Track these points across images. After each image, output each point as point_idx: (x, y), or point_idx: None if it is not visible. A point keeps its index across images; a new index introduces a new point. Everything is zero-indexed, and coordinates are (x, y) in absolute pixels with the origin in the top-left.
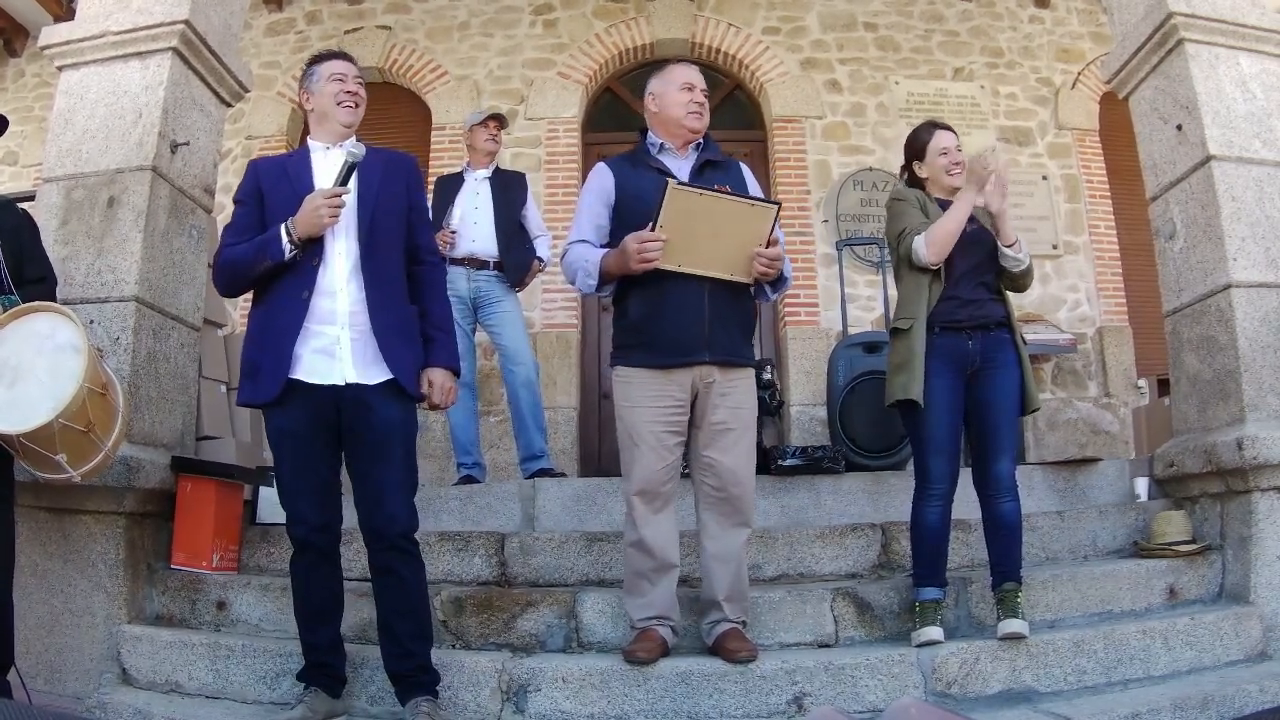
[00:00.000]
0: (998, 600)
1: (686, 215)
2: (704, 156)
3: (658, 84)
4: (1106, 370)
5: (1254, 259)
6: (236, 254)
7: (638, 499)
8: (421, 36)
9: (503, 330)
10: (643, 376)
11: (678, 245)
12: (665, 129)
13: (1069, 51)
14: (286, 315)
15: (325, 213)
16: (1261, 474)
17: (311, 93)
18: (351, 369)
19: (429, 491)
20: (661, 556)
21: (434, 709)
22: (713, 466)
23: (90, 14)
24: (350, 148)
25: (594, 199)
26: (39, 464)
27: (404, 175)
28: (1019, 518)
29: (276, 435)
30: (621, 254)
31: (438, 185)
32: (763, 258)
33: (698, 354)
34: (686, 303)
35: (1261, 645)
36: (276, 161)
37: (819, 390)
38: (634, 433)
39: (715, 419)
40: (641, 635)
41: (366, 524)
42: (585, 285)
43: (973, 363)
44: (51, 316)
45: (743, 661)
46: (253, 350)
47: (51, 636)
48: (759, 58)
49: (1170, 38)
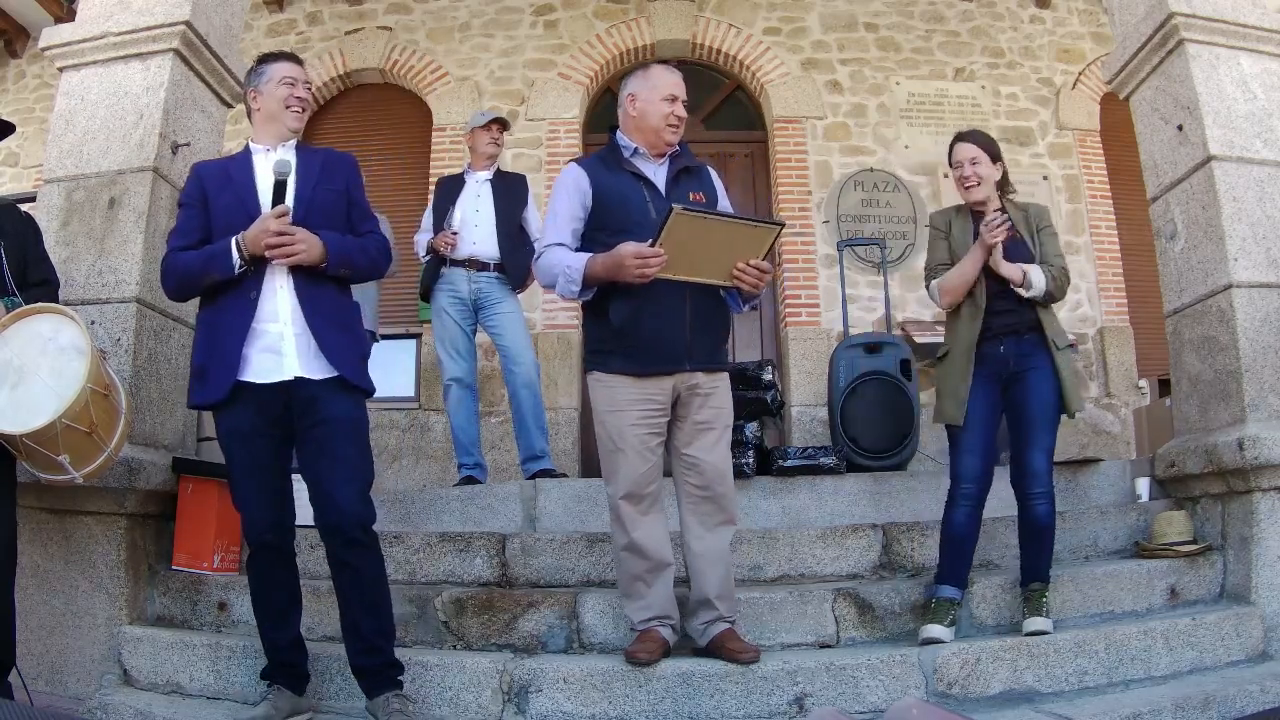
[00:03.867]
0: (1024, 598)
1: (688, 235)
2: (680, 164)
3: (640, 87)
4: (1108, 370)
5: (1255, 259)
6: (184, 262)
7: (625, 503)
8: (422, 37)
9: (503, 331)
10: (624, 382)
11: (674, 259)
12: (641, 135)
13: (1070, 52)
14: (233, 315)
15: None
16: (1262, 474)
17: (260, 92)
18: (297, 363)
19: (430, 492)
20: (656, 556)
21: (404, 704)
22: (697, 465)
23: (91, 15)
24: (277, 166)
25: (570, 201)
26: (42, 465)
27: (343, 174)
28: (1052, 519)
29: (226, 436)
30: (615, 264)
31: (439, 186)
32: (753, 269)
33: (680, 362)
34: (669, 309)
35: (1263, 645)
36: (219, 165)
37: (820, 391)
38: (617, 437)
39: (699, 418)
40: (642, 636)
41: (320, 519)
42: (566, 290)
43: (1006, 366)
44: (55, 318)
45: (747, 662)
46: (201, 352)
47: (53, 637)
48: (759, 58)
49: (1171, 38)
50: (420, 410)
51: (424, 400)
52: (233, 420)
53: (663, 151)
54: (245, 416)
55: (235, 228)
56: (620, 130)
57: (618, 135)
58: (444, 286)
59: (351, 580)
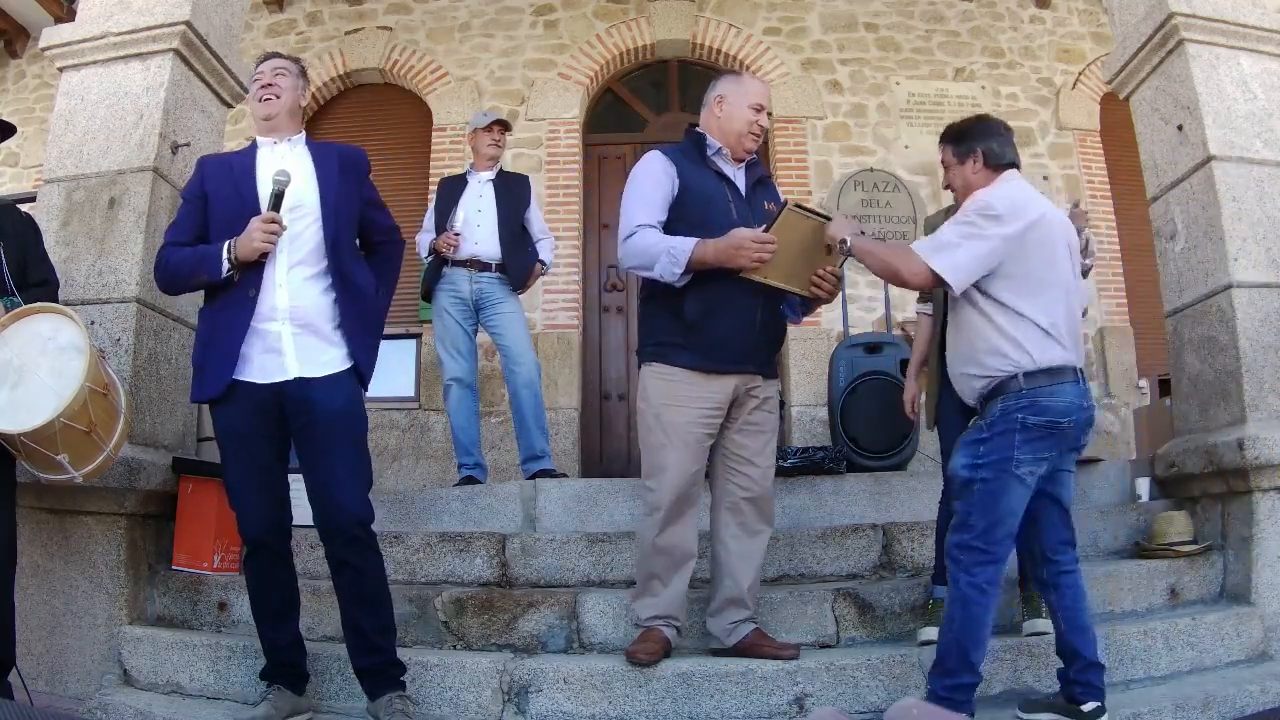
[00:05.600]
0: (1024, 599)
1: (789, 235)
2: (756, 173)
3: (731, 90)
4: (1108, 370)
5: (1255, 259)
6: (176, 259)
7: (671, 500)
8: (422, 37)
9: (504, 331)
10: (689, 377)
11: (772, 260)
12: (722, 137)
13: (1070, 52)
14: (232, 312)
15: (259, 239)
16: (1262, 474)
17: (249, 97)
18: (295, 363)
19: (430, 492)
20: (682, 554)
21: (407, 705)
22: (747, 466)
23: (91, 15)
24: (276, 175)
25: (657, 187)
26: (41, 465)
27: (358, 172)
28: None
29: (224, 436)
30: (733, 247)
31: (441, 186)
32: (830, 277)
33: (745, 363)
34: (743, 309)
35: (1263, 645)
36: (224, 159)
37: (820, 391)
38: (671, 431)
39: (754, 419)
40: (644, 635)
41: (320, 519)
42: (667, 271)
43: None
44: (54, 317)
45: (789, 658)
46: (200, 348)
47: (53, 637)
48: (760, 58)
49: (1171, 38)
50: (420, 410)
51: (424, 400)
52: (230, 420)
53: (740, 157)
54: (243, 417)
55: (230, 222)
56: (701, 128)
57: (704, 133)
58: (445, 286)
59: (351, 579)
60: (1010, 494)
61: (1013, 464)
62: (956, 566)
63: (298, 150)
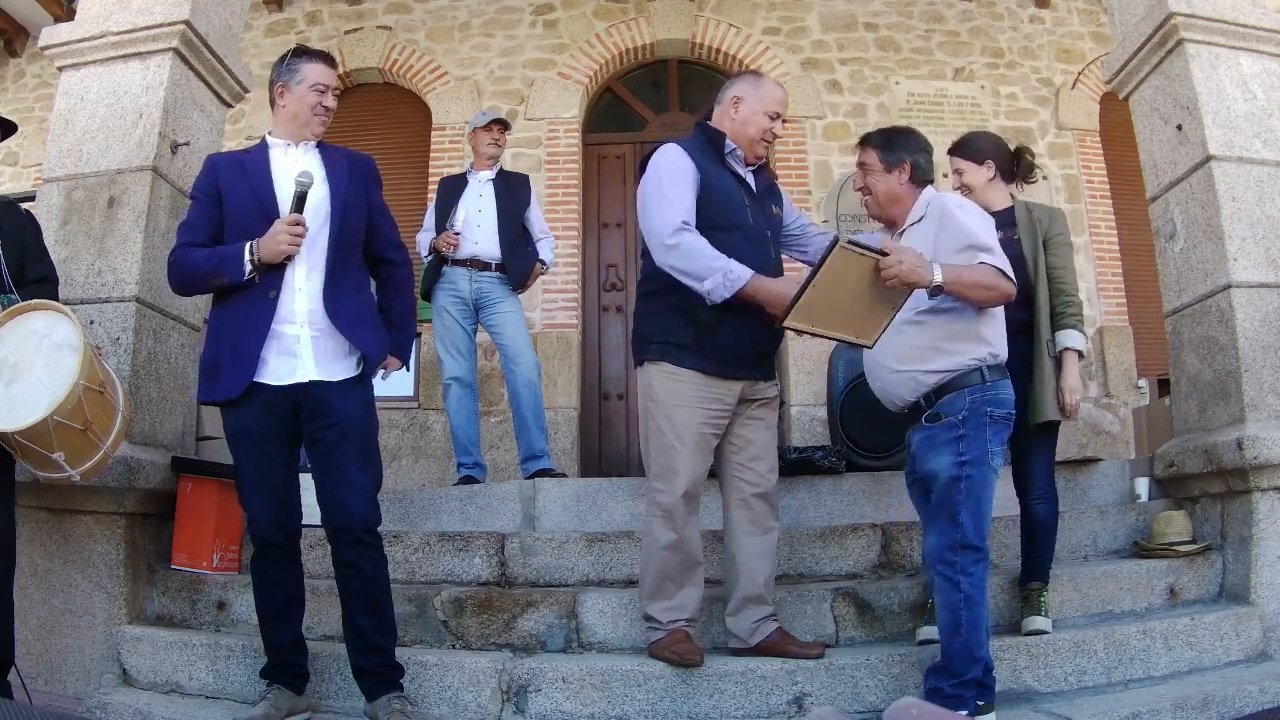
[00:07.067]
0: (1023, 598)
1: (840, 274)
2: (765, 178)
3: (749, 93)
4: (1107, 370)
5: (1254, 259)
6: (193, 260)
7: (683, 502)
8: (422, 37)
9: (504, 330)
10: (698, 379)
11: (817, 304)
12: (736, 138)
13: (1069, 51)
14: (252, 313)
15: (284, 241)
16: (1262, 474)
17: (289, 89)
18: (313, 366)
19: (429, 492)
20: (694, 556)
21: (405, 705)
22: (760, 457)
23: (90, 14)
24: (300, 176)
25: (684, 182)
26: (39, 463)
27: (365, 178)
28: (1053, 521)
29: (234, 435)
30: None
31: (441, 186)
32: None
33: (754, 367)
34: (754, 315)
35: (1262, 645)
36: (235, 158)
37: (819, 390)
38: (682, 431)
39: (758, 415)
40: (675, 635)
41: (328, 520)
42: (719, 292)
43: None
44: (49, 315)
45: (816, 657)
46: (214, 348)
47: (52, 637)
48: (759, 58)
49: (1170, 38)
50: (420, 410)
51: (423, 400)
52: (242, 420)
53: (751, 161)
54: (255, 417)
55: (248, 223)
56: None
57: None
58: (445, 286)
59: (355, 580)
60: (990, 488)
61: (990, 457)
62: (952, 569)
63: (310, 153)
